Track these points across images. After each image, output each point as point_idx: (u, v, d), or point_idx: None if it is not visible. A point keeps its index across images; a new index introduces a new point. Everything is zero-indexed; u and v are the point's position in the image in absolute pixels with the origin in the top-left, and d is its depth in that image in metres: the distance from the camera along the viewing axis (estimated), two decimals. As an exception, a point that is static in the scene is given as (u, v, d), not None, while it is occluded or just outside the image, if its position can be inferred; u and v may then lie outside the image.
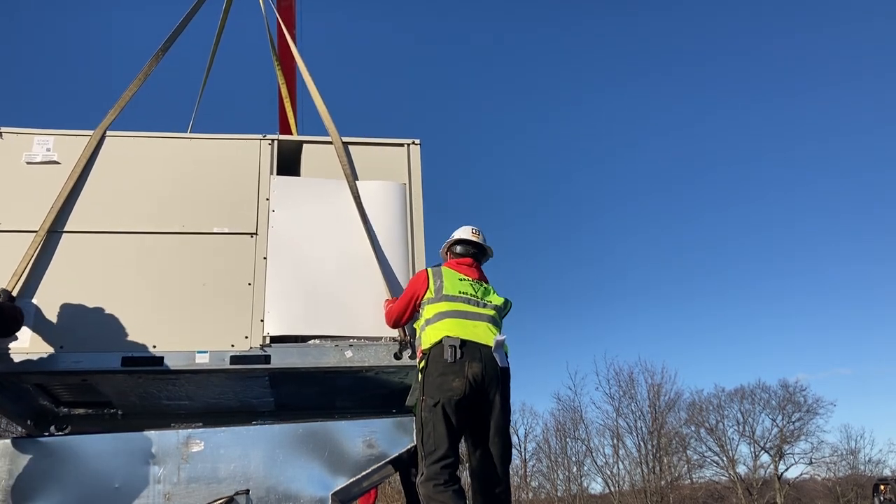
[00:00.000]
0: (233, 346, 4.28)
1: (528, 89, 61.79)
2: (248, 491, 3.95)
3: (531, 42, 62.24)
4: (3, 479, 3.88)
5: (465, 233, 4.50)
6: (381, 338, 4.46)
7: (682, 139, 60.18)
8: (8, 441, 4.03)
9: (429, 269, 4.29)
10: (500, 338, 4.02)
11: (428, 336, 4.02)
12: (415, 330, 4.33)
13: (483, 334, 4.01)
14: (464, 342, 3.91)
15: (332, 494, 4.07)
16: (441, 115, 61.60)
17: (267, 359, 4.27)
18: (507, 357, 4.13)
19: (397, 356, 4.37)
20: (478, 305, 4.12)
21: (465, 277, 4.25)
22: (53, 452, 3.98)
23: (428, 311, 4.09)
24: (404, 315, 4.29)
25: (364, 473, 4.17)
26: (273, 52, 6.86)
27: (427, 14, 63.83)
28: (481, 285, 4.28)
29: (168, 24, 5.55)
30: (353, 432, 4.23)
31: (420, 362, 4.05)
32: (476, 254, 4.46)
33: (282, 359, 4.30)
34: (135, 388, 4.48)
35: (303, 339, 4.41)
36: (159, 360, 4.15)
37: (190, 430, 4.10)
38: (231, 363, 4.22)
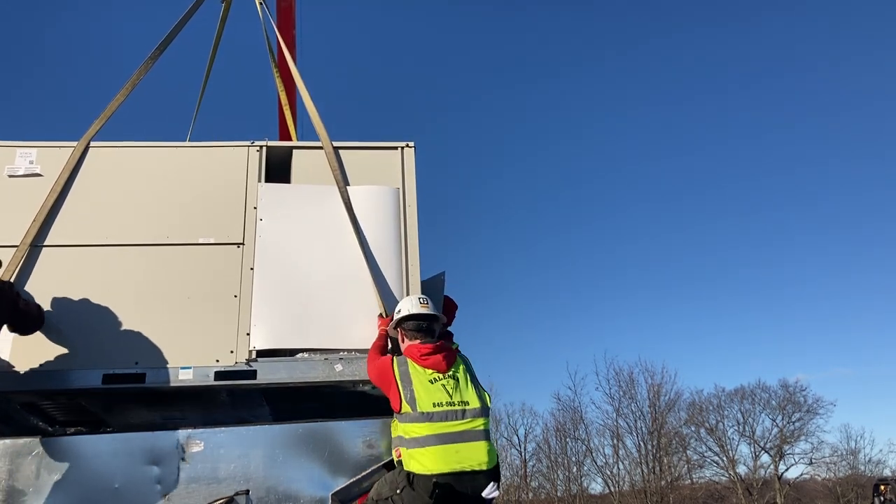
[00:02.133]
0: (218, 361, 4.17)
1: (526, 87, 61.68)
2: (248, 491, 3.90)
3: (527, 41, 62.14)
4: (3, 479, 3.83)
5: (412, 306, 4.09)
6: (372, 350, 4.32)
7: (682, 140, 60.12)
8: (8, 441, 3.96)
9: (395, 367, 3.89)
10: (492, 493, 3.72)
11: (410, 462, 3.72)
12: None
13: (473, 457, 3.71)
14: (452, 478, 3.63)
15: (332, 495, 4.00)
16: (436, 115, 61.48)
17: (253, 374, 4.16)
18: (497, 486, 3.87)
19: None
20: (462, 418, 3.78)
21: (436, 377, 3.87)
22: (53, 452, 3.91)
23: (406, 430, 3.76)
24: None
25: (364, 474, 4.10)
26: (272, 59, 6.78)
27: (423, 13, 63.70)
28: (454, 378, 3.91)
29: (162, 28, 5.44)
30: (353, 432, 4.16)
31: (399, 468, 3.81)
32: (430, 325, 4.08)
33: (269, 374, 4.18)
34: (125, 404, 4.37)
35: (291, 352, 4.29)
36: (141, 377, 4.05)
37: (190, 431, 4.03)
38: (215, 379, 4.11)
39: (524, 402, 61.13)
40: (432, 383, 3.86)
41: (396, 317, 4.14)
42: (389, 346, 4.27)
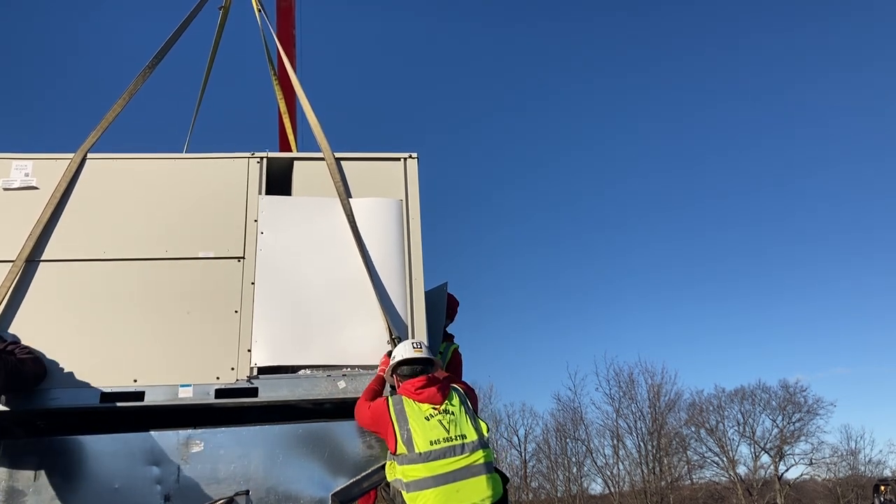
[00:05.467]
0: (218, 378, 4.11)
1: (528, 93, 61.59)
2: (248, 491, 3.88)
3: (530, 49, 62.08)
4: (3, 479, 3.80)
5: (406, 351, 4.02)
6: (376, 366, 4.26)
7: (682, 141, 60.09)
8: (8, 441, 3.93)
9: (390, 406, 3.82)
10: None
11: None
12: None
13: (475, 493, 3.66)
14: None
15: (332, 495, 3.98)
16: (438, 126, 61.36)
17: (254, 392, 4.10)
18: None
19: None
20: (461, 453, 3.72)
21: (432, 412, 3.81)
22: (53, 452, 3.88)
23: (404, 472, 3.70)
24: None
25: (364, 474, 4.07)
26: (270, 67, 6.71)
27: (425, 20, 63.61)
28: (449, 412, 3.85)
29: (160, 36, 5.37)
30: (353, 432, 4.13)
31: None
32: (424, 368, 3.98)
33: (270, 391, 4.12)
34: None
35: (293, 369, 4.22)
36: (140, 396, 4.00)
37: (190, 431, 4.00)
38: (216, 397, 4.06)
39: (524, 403, 61.01)
40: (428, 420, 3.79)
41: (391, 363, 4.07)
42: (384, 392, 4.15)
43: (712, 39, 60.06)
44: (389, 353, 4.21)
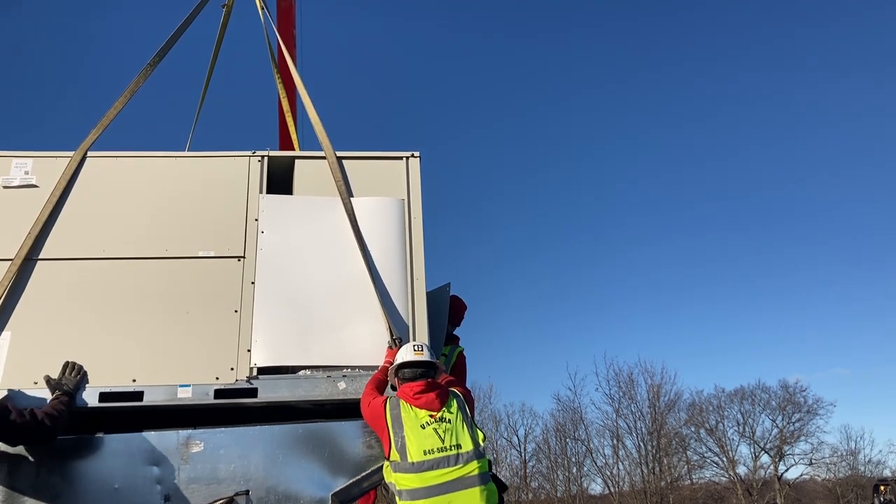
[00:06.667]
0: (217, 378, 4.08)
1: (530, 94, 61.62)
2: (247, 491, 3.86)
3: (532, 49, 62.07)
4: (3, 479, 3.78)
5: (406, 354, 3.99)
6: (377, 367, 4.23)
7: (681, 140, 60.09)
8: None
9: (387, 410, 3.80)
10: None
11: None
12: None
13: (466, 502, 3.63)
14: None
15: (332, 495, 3.96)
16: (440, 126, 61.36)
17: (254, 392, 4.08)
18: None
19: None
20: (454, 464, 3.67)
21: (429, 420, 3.77)
22: (53, 452, 3.85)
23: (397, 480, 3.67)
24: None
25: (364, 474, 4.05)
26: (273, 65, 6.68)
27: (427, 20, 63.58)
28: (446, 420, 3.80)
29: (162, 33, 5.34)
30: (353, 432, 4.11)
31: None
32: (426, 371, 3.95)
33: (270, 392, 4.10)
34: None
35: (293, 369, 4.20)
36: (139, 396, 3.97)
37: (190, 431, 3.98)
38: (215, 397, 4.04)
39: (524, 403, 61.12)
40: (423, 428, 3.74)
41: (393, 366, 4.03)
42: (389, 382, 4.13)
43: (713, 41, 60.06)
44: (391, 345, 4.21)
